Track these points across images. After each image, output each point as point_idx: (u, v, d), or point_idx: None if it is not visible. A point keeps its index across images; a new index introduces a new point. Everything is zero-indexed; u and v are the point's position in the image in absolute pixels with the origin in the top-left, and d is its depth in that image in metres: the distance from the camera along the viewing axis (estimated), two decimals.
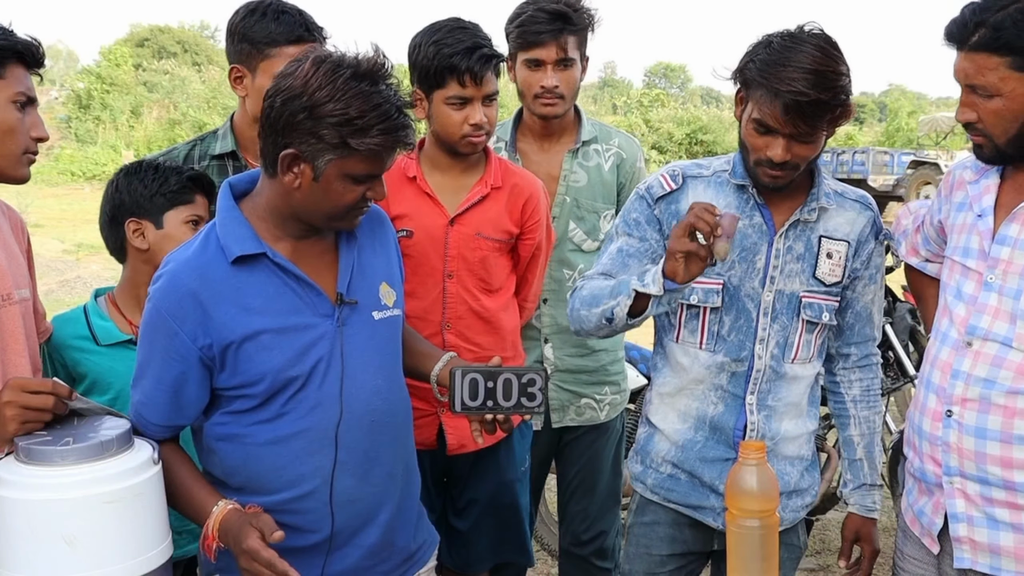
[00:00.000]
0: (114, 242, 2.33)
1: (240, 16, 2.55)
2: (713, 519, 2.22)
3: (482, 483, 2.69)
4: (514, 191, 2.60)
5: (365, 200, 1.81)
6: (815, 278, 2.15)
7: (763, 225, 2.14)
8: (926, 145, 23.84)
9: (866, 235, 2.19)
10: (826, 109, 1.94)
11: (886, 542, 4.68)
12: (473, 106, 2.46)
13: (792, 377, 2.18)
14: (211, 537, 1.74)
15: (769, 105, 1.94)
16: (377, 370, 1.92)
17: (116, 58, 32.52)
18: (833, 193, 2.18)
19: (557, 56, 2.83)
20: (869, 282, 2.22)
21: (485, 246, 2.56)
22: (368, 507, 1.93)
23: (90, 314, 2.28)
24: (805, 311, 2.14)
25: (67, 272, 11.43)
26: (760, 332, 2.15)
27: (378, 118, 1.69)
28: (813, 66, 1.91)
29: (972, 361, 1.98)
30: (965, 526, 2.01)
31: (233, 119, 2.70)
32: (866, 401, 2.28)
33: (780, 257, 2.14)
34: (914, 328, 4.51)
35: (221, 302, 1.78)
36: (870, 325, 2.27)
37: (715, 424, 2.19)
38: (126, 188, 2.29)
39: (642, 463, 2.32)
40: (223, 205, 1.85)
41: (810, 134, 1.97)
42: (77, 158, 26.30)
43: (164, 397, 1.82)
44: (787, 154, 1.99)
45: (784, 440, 2.18)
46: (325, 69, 1.69)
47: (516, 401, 1.85)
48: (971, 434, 1.97)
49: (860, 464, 2.27)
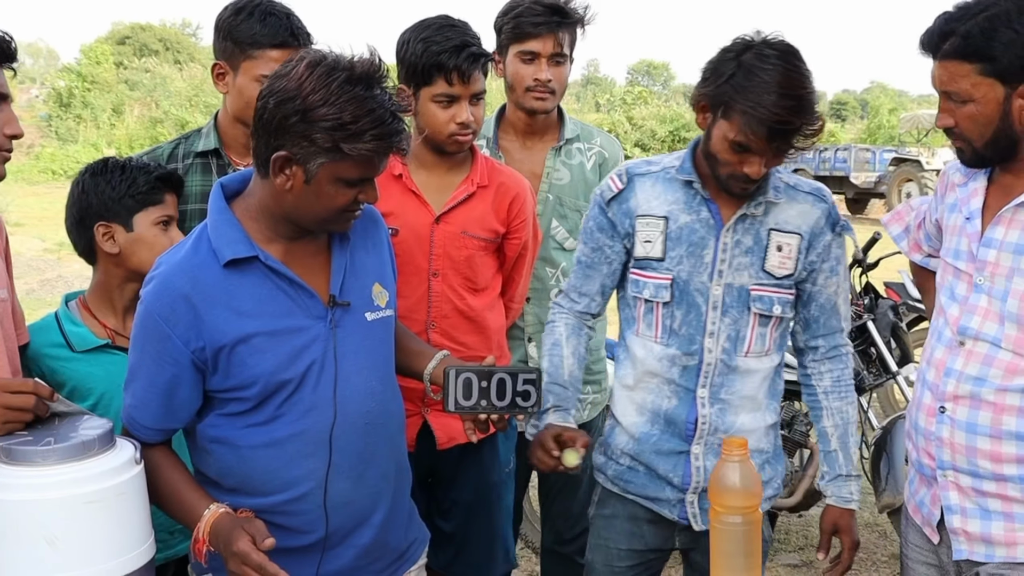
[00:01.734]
0: (83, 244, 2.27)
1: (228, 13, 2.54)
2: (669, 511, 2.25)
3: (466, 484, 2.69)
4: (500, 190, 2.60)
5: (357, 203, 1.80)
6: (764, 271, 2.17)
7: (710, 220, 2.17)
8: (908, 142, 23.94)
9: (821, 227, 2.20)
10: (804, 132, 2.01)
11: (867, 537, 4.70)
12: (460, 105, 2.45)
13: (745, 371, 2.20)
14: (201, 540, 1.73)
15: (753, 130, 1.97)
16: (371, 371, 1.91)
17: (97, 56, 32.33)
18: (784, 186, 2.20)
19: (553, 50, 2.84)
20: (830, 274, 2.24)
21: (471, 244, 2.56)
22: (362, 508, 1.92)
23: (62, 321, 2.23)
24: (755, 304, 2.16)
25: (48, 271, 11.36)
26: (709, 326, 2.17)
27: (372, 123, 1.67)
28: (791, 90, 1.95)
29: (964, 360, 2.04)
30: (959, 517, 2.08)
31: (217, 117, 2.68)
32: (838, 392, 2.30)
33: (728, 251, 2.16)
34: (896, 324, 4.52)
35: (213, 305, 1.77)
36: (836, 317, 2.28)
37: (669, 417, 2.21)
38: (93, 190, 2.22)
39: (604, 455, 2.36)
40: (215, 207, 1.83)
41: (788, 151, 2.04)
42: (58, 156, 26.16)
43: (156, 400, 1.81)
44: (761, 169, 2.04)
45: (740, 433, 2.20)
46: (319, 72, 1.68)
47: (510, 401, 1.85)
48: (962, 429, 2.04)
49: (835, 455, 2.29)
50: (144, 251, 2.21)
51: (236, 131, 2.61)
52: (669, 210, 2.18)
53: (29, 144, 28.86)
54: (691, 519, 2.23)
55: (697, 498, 2.22)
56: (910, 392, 4.39)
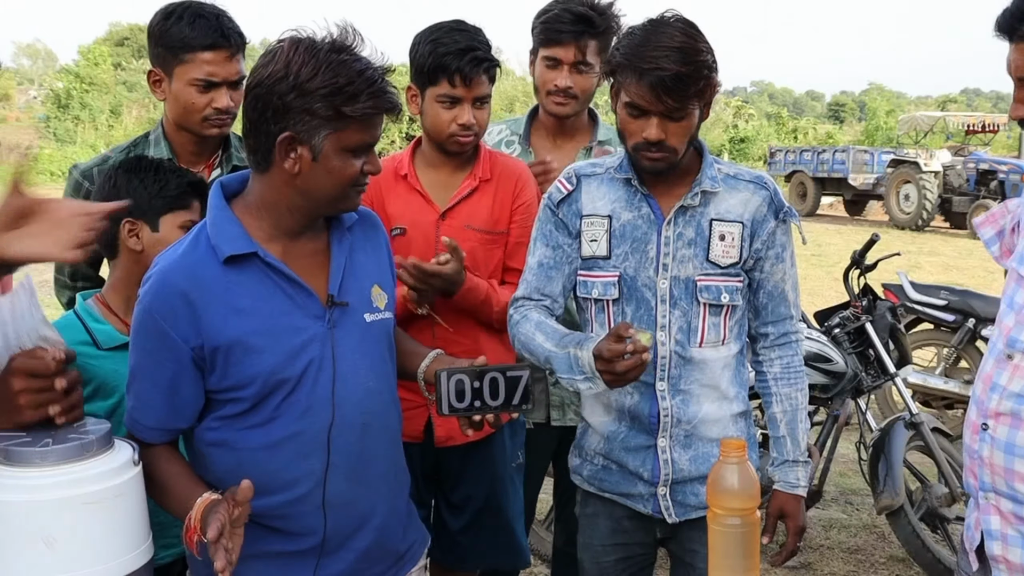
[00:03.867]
0: (107, 237, 2.25)
1: (158, 19, 2.53)
2: (643, 506, 2.27)
3: (474, 480, 2.69)
4: (503, 179, 2.64)
5: (364, 175, 1.82)
6: (709, 261, 2.19)
7: (651, 215, 2.20)
8: (906, 144, 24.03)
9: (763, 214, 2.21)
10: (690, 83, 2.01)
11: (866, 539, 4.71)
12: (463, 107, 2.50)
13: (701, 360, 2.21)
14: (192, 529, 1.70)
15: (636, 86, 2.02)
16: (368, 372, 1.90)
17: (95, 57, 32.34)
18: (724, 176, 2.22)
19: (575, 58, 2.87)
20: (776, 261, 2.25)
21: (474, 238, 2.59)
22: (361, 510, 1.92)
23: (85, 318, 2.22)
24: (702, 294, 2.18)
25: (47, 272, 11.30)
26: (660, 319, 2.19)
27: (366, 83, 1.71)
28: (674, 44, 1.99)
29: (1010, 375, 1.87)
30: (999, 544, 1.91)
31: (163, 124, 2.66)
32: (787, 378, 2.31)
33: (671, 244, 2.18)
34: (894, 326, 4.53)
35: (211, 302, 1.76)
36: (785, 304, 2.29)
37: (633, 413, 2.23)
38: (125, 186, 2.22)
39: (579, 456, 2.39)
40: (214, 204, 1.83)
41: (679, 110, 2.04)
42: (56, 158, 26.13)
43: (159, 400, 1.80)
44: (661, 132, 2.05)
45: (705, 423, 2.22)
46: (303, 47, 1.71)
47: (503, 400, 1.84)
48: (1001, 449, 1.87)
49: (783, 440, 2.30)
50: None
51: (182, 138, 2.62)
52: (612, 208, 2.22)
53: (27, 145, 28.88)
54: (664, 512, 2.25)
55: (668, 490, 2.23)
56: (908, 394, 4.42)
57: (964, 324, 6.12)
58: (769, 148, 26.60)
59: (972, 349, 6.24)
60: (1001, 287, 2.07)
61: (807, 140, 33.19)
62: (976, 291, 6.45)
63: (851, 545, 4.64)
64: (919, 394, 6.23)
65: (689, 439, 2.21)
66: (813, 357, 4.13)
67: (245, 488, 1.62)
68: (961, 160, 19.93)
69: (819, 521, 4.89)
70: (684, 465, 2.21)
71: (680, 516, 2.24)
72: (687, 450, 2.21)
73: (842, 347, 4.28)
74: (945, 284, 6.95)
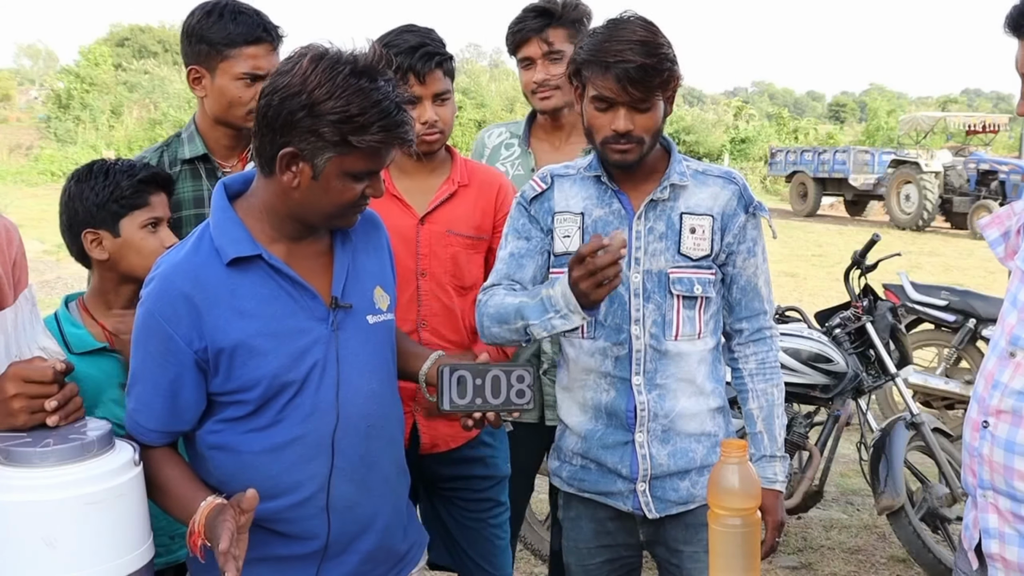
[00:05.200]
0: (75, 250, 2.26)
1: (197, 17, 2.55)
2: (623, 503, 2.27)
3: (459, 483, 2.70)
4: (483, 187, 2.64)
5: (364, 197, 1.79)
6: (681, 254, 2.21)
7: (621, 210, 2.22)
8: (906, 144, 23.99)
9: (732, 208, 2.24)
10: (654, 74, 2.06)
11: (866, 539, 4.71)
12: (422, 105, 2.50)
13: (677, 354, 2.21)
14: (196, 533, 1.68)
15: (602, 79, 2.07)
16: (372, 374, 1.90)
17: (96, 57, 32.29)
18: (693, 172, 2.26)
19: (544, 50, 2.91)
20: (748, 255, 2.26)
21: (456, 242, 2.59)
22: (365, 513, 1.91)
23: (62, 322, 2.21)
24: (675, 286, 2.19)
25: (47, 272, 11.35)
26: (634, 313, 2.20)
27: (379, 115, 1.67)
28: (635, 38, 2.06)
29: (1012, 373, 1.86)
30: (996, 543, 1.91)
31: (196, 121, 2.67)
32: (762, 374, 2.32)
33: (642, 238, 2.20)
34: (895, 326, 4.52)
35: (215, 305, 1.75)
36: (758, 299, 2.30)
37: (610, 410, 2.23)
38: (78, 196, 2.20)
39: (558, 458, 2.39)
40: (218, 205, 1.82)
41: (644, 100, 2.09)
42: (57, 158, 26.11)
43: (160, 402, 1.79)
44: (629, 123, 2.09)
45: (682, 417, 2.22)
46: (323, 66, 1.67)
47: (505, 398, 1.84)
48: (1000, 447, 1.87)
49: (760, 436, 2.31)
50: (133, 255, 2.21)
51: (217, 133, 2.63)
52: (584, 206, 2.25)
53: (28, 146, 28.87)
54: (644, 508, 2.24)
55: (648, 486, 2.23)
56: (909, 394, 4.41)
57: (965, 324, 6.12)
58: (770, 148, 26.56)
59: (973, 349, 6.24)
60: (1002, 287, 2.06)
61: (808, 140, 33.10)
62: (977, 291, 6.44)
63: (852, 545, 4.64)
64: (920, 394, 6.22)
65: (667, 434, 2.22)
66: (814, 357, 4.13)
67: (251, 497, 1.61)
68: (962, 160, 19.93)
69: (820, 521, 4.89)
70: (663, 460, 2.22)
71: (660, 512, 2.24)
72: (665, 445, 2.22)
73: (843, 347, 4.28)
74: (946, 284, 6.94)
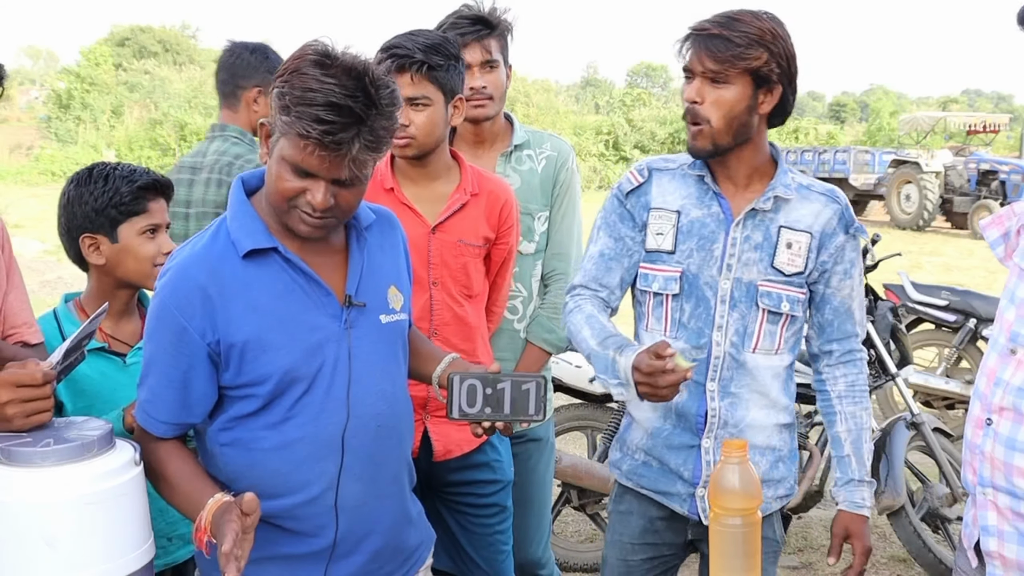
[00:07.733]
0: (73, 253, 2.26)
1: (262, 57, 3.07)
2: (680, 505, 2.25)
3: (465, 489, 2.69)
4: (491, 197, 2.62)
5: (303, 199, 1.73)
6: (774, 267, 2.17)
7: (720, 214, 2.19)
8: (907, 144, 24.01)
9: (832, 228, 2.20)
10: (731, 44, 2.05)
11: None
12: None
13: (754, 366, 2.19)
14: (203, 529, 1.68)
15: (688, 47, 2.10)
16: (383, 374, 1.90)
17: (96, 58, 32.37)
18: (798, 186, 2.22)
19: (483, 57, 2.88)
20: (844, 277, 2.23)
21: (466, 252, 2.58)
22: (373, 512, 1.91)
23: (62, 320, 2.22)
24: (763, 300, 2.17)
25: (48, 273, 11.36)
26: (718, 319, 2.18)
27: (306, 103, 1.63)
28: (729, 12, 2.07)
29: (1013, 370, 1.86)
30: (995, 540, 1.90)
31: None
32: (851, 397, 2.29)
33: (737, 246, 2.17)
34: (895, 326, 4.53)
35: (230, 298, 1.75)
36: (851, 321, 2.27)
37: (680, 411, 2.22)
38: (77, 200, 2.19)
39: (620, 450, 2.37)
40: (235, 199, 1.83)
41: (719, 73, 2.07)
42: (58, 158, 26.16)
43: (172, 394, 1.79)
44: (698, 95, 2.10)
45: (751, 428, 2.20)
46: (310, 51, 1.70)
47: (514, 408, 1.83)
48: (1002, 444, 1.86)
49: (848, 460, 2.27)
50: (130, 261, 2.21)
51: None
52: (682, 204, 2.21)
53: (28, 146, 28.90)
54: (700, 513, 2.23)
55: (707, 492, 2.20)
56: (909, 394, 4.41)
57: (965, 324, 6.12)
58: None
59: (973, 349, 6.24)
60: (1002, 288, 2.05)
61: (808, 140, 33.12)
62: (977, 291, 6.45)
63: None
64: (920, 394, 6.22)
65: None
66: None
67: (249, 500, 1.58)
68: (962, 160, 19.93)
69: (820, 521, 4.89)
70: None
71: None
72: None
73: None
74: (946, 284, 6.94)
